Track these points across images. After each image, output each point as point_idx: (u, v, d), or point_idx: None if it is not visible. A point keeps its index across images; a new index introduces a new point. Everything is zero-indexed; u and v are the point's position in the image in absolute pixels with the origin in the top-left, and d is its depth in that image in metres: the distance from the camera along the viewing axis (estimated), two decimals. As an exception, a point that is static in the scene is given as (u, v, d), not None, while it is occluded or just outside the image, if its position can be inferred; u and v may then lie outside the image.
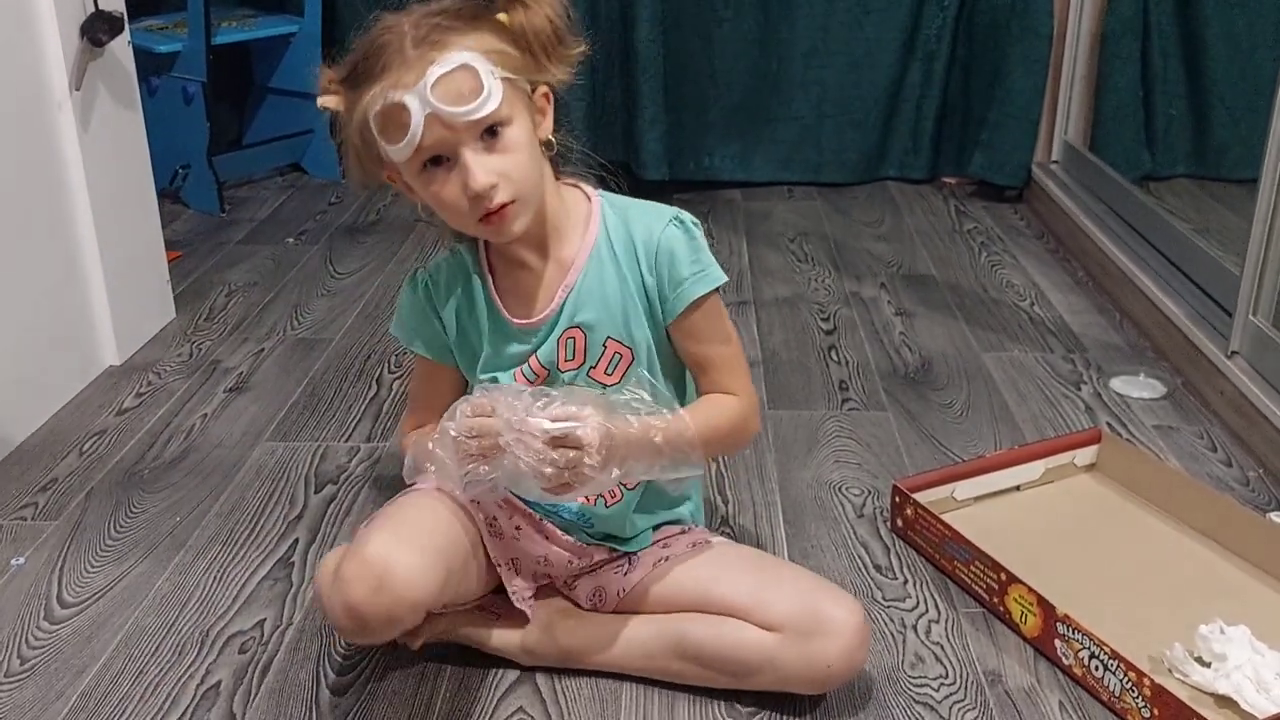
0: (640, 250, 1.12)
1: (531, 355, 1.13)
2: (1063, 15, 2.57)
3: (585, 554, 1.18)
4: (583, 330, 1.13)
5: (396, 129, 0.98)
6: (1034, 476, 1.51)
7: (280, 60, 2.74)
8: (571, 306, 1.12)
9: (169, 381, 1.81)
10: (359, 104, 1.01)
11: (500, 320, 1.14)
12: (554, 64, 1.06)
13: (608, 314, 1.12)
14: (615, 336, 1.13)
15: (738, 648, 1.09)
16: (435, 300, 1.17)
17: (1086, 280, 2.23)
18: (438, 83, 0.97)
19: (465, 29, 1.00)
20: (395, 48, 0.98)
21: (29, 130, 1.65)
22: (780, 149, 2.78)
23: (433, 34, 0.99)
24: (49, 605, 1.28)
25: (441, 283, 1.16)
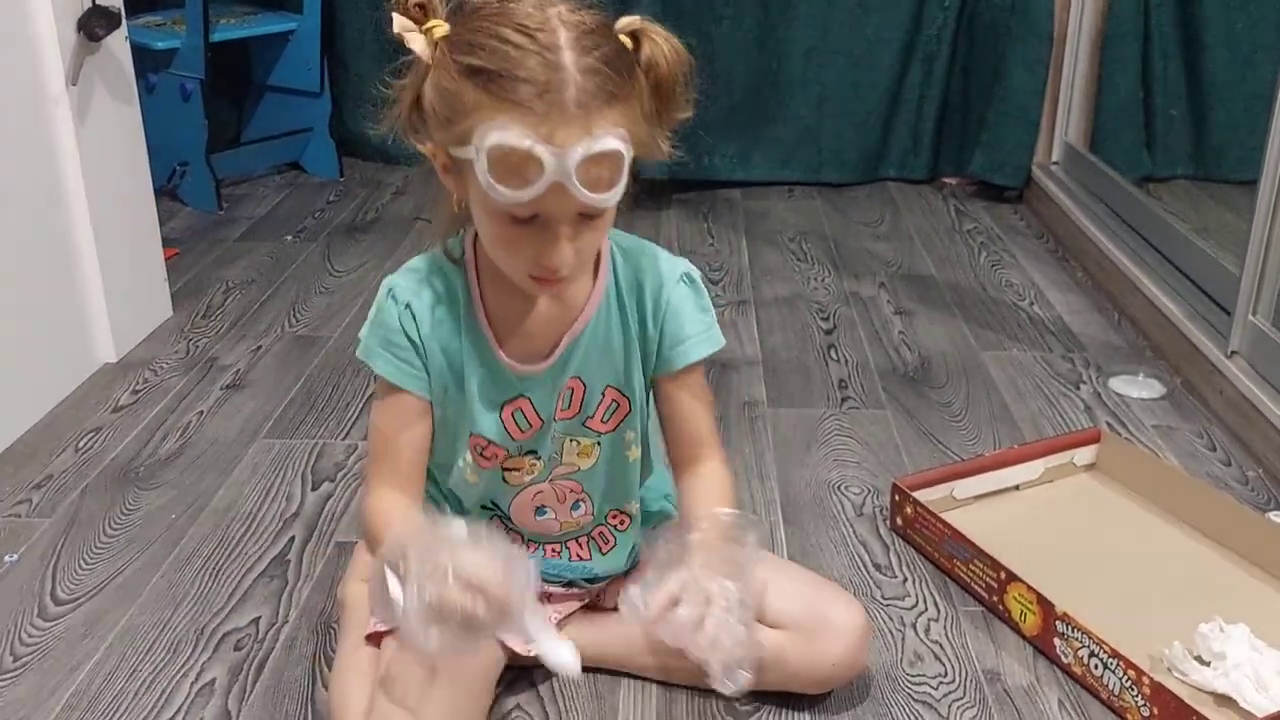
0: (649, 302, 1.05)
1: (523, 399, 1.04)
2: (1063, 16, 2.57)
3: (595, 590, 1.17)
4: (583, 382, 1.06)
5: (515, 177, 0.86)
6: (1033, 476, 1.50)
7: (279, 58, 2.73)
8: (575, 356, 1.04)
9: (165, 378, 1.80)
10: (476, 107, 0.86)
11: (493, 361, 1.03)
12: (661, 133, 0.95)
13: (609, 364, 1.06)
14: (614, 385, 1.07)
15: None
16: (419, 321, 1.01)
17: (1086, 280, 2.23)
18: (586, 161, 0.85)
19: (622, 95, 0.88)
20: (554, 86, 0.85)
21: (25, 125, 1.64)
22: (780, 148, 2.77)
23: (598, 94, 0.86)
24: (43, 602, 1.27)
25: (425, 303, 1.02)
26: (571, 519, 1.12)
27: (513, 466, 1.08)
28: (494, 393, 1.04)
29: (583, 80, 0.86)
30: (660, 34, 0.93)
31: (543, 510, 1.11)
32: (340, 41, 2.80)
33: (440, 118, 0.90)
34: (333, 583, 1.29)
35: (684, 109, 0.96)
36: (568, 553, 1.14)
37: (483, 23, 0.89)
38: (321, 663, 1.17)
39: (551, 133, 0.85)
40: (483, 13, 0.90)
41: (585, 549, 1.14)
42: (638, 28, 0.92)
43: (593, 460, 1.09)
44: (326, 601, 1.27)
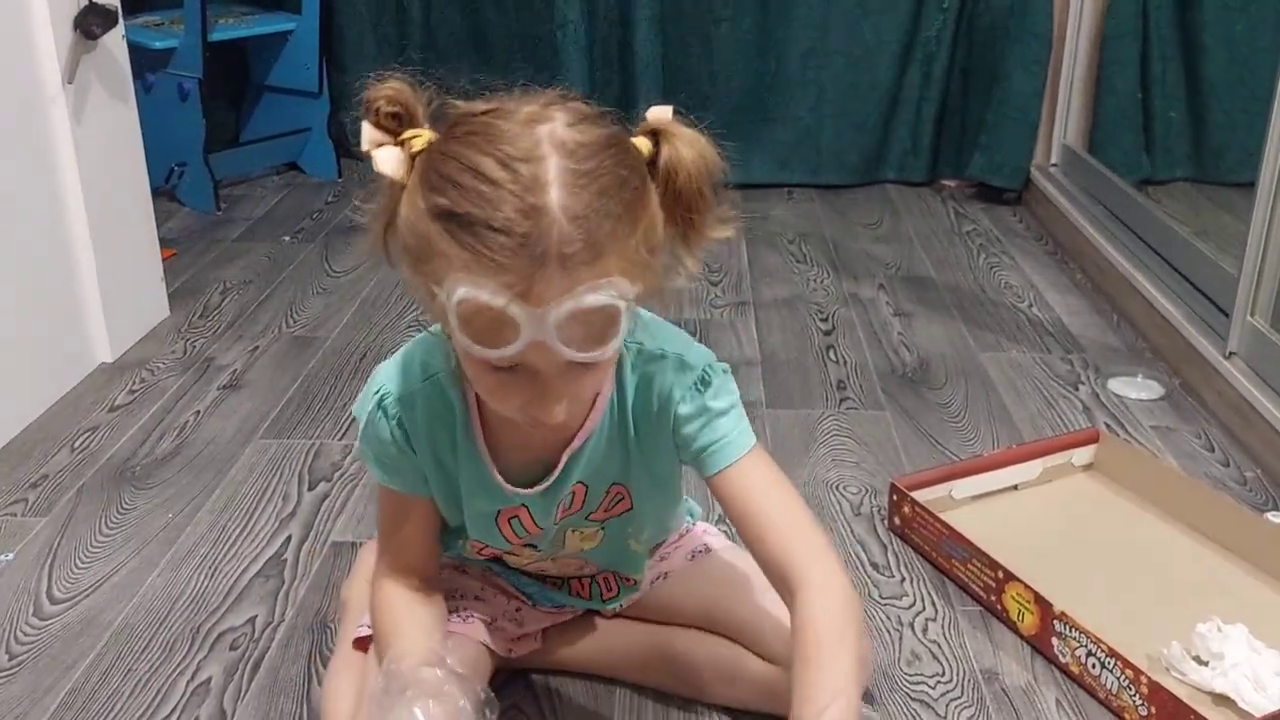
0: (654, 420, 0.95)
1: (521, 509, 0.98)
2: (1062, 18, 2.57)
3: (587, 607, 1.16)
4: (585, 484, 0.98)
5: (487, 335, 0.75)
6: (1032, 476, 1.50)
7: (277, 58, 2.73)
8: (575, 469, 0.96)
9: (162, 378, 1.80)
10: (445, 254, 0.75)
11: (488, 479, 0.96)
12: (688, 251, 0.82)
13: (614, 466, 0.98)
14: (619, 482, 1.00)
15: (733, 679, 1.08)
16: (411, 436, 0.93)
17: (1084, 282, 2.22)
18: (569, 319, 0.74)
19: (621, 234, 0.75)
20: (532, 239, 0.72)
21: (21, 124, 1.64)
22: (779, 150, 2.77)
23: (587, 244, 0.73)
24: (38, 601, 1.26)
25: (418, 417, 0.93)
26: (572, 570, 1.11)
27: (513, 553, 1.06)
28: (490, 506, 0.98)
29: (569, 229, 0.72)
30: (686, 137, 0.81)
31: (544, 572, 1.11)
32: (339, 42, 2.80)
33: (411, 255, 0.78)
34: (329, 582, 1.29)
35: (717, 227, 0.83)
36: (568, 587, 1.13)
37: (462, 147, 0.76)
38: (317, 662, 1.17)
39: (528, 290, 0.73)
40: (465, 129, 0.77)
41: (586, 589, 1.13)
42: (662, 127, 0.81)
43: (596, 543, 1.05)
44: (323, 601, 1.26)
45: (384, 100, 0.79)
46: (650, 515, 1.04)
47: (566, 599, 1.13)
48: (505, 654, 1.07)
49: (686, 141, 0.81)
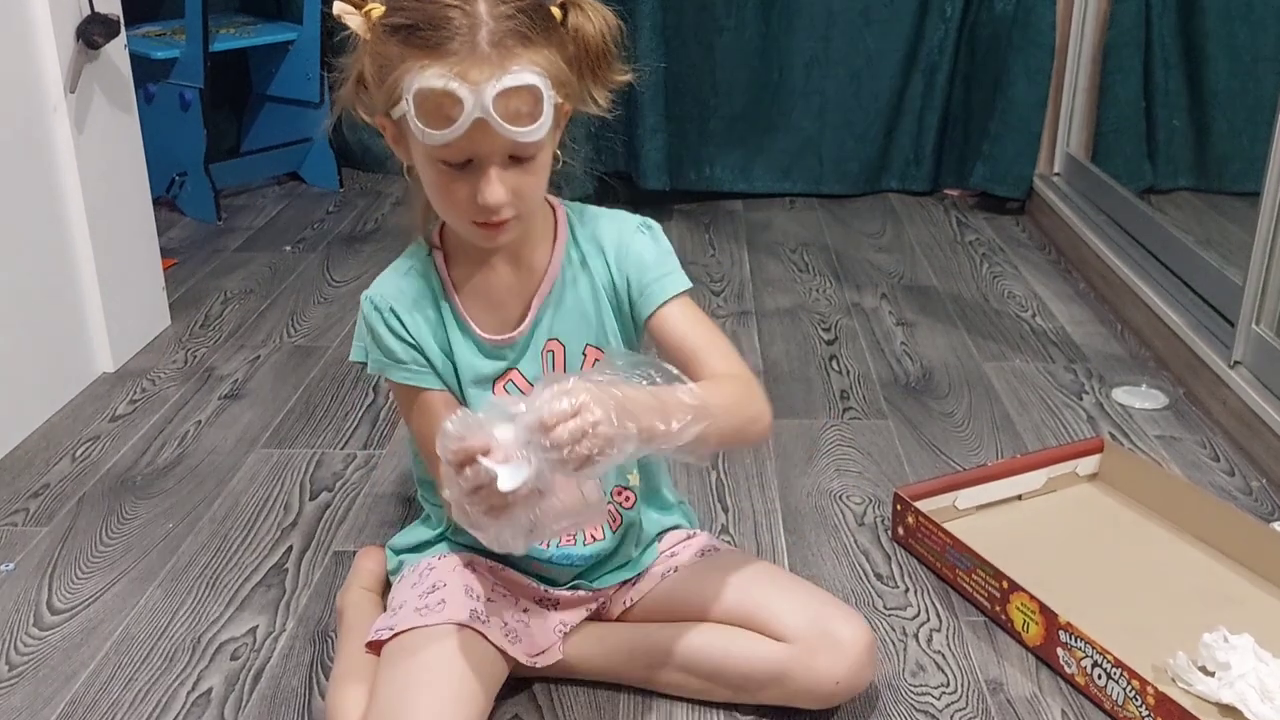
0: (610, 254, 1.09)
1: (512, 371, 1.08)
2: (1064, 28, 2.56)
3: (600, 594, 1.16)
4: (561, 342, 1.09)
5: (438, 117, 0.91)
6: (1036, 486, 1.49)
7: (279, 68, 2.74)
8: (547, 317, 1.08)
9: (163, 388, 1.79)
10: (401, 60, 0.92)
11: (473, 338, 1.07)
12: (597, 89, 1.00)
13: (584, 321, 1.09)
14: (592, 343, 1.10)
15: (746, 660, 1.07)
16: (406, 322, 1.06)
17: (1088, 291, 2.22)
18: (501, 94, 0.90)
19: (539, 41, 0.94)
20: (467, 31, 0.90)
21: (23, 133, 1.64)
22: (781, 159, 2.77)
23: (509, 37, 0.92)
24: (39, 611, 1.26)
25: (405, 305, 1.06)
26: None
27: None
28: (484, 369, 1.07)
29: (495, 25, 0.91)
30: (590, 4, 0.99)
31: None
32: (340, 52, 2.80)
33: (376, 81, 0.96)
34: (330, 592, 1.28)
35: (618, 71, 1.02)
36: (582, 535, 1.13)
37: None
38: (319, 672, 1.16)
39: (466, 71, 0.90)
40: None
41: (598, 528, 1.13)
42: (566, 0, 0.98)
43: None
44: (324, 611, 1.26)
45: None
46: None
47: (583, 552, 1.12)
48: (529, 663, 1.06)
49: (592, 8, 0.98)
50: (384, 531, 1.39)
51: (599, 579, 1.15)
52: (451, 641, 1.01)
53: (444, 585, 1.07)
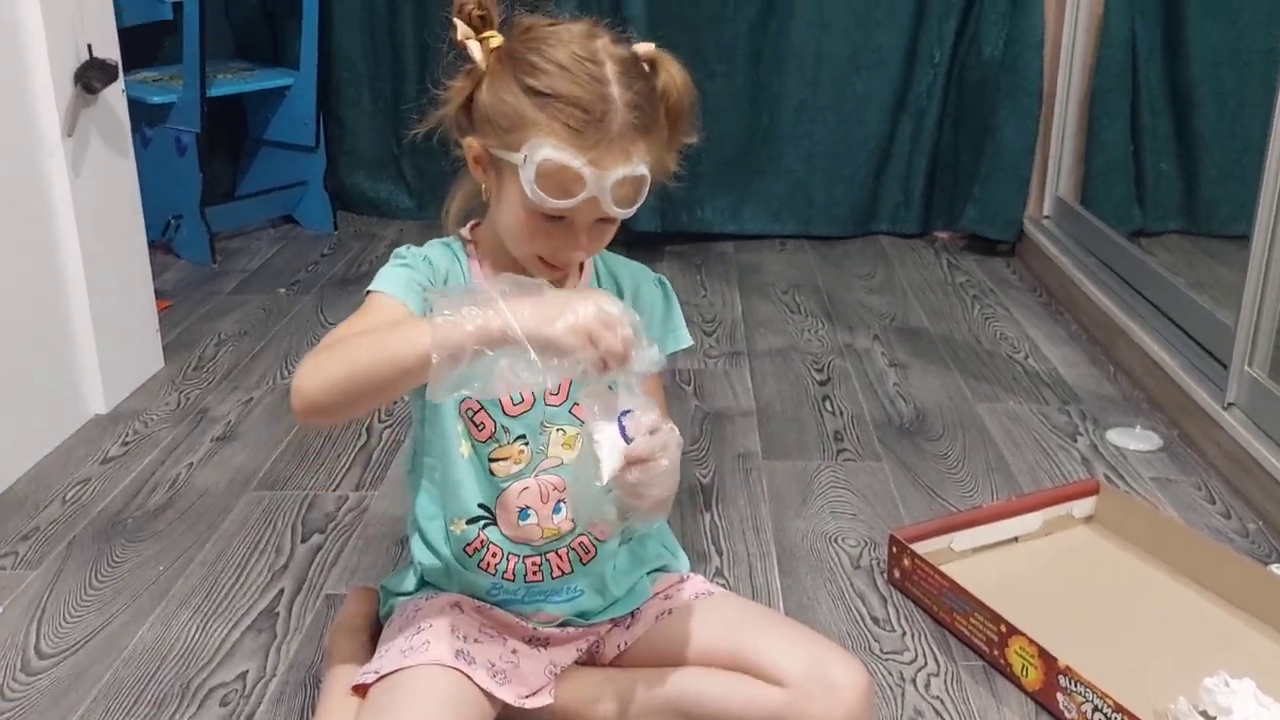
0: (627, 294, 1.14)
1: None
2: (1052, 73, 2.60)
3: (591, 632, 1.15)
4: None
5: (558, 189, 0.97)
6: (1032, 528, 1.49)
7: (275, 112, 2.75)
8: None
9: (155, 430, 1.78)
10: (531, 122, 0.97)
11: None
12: (670, 152, 1.05)
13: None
14: None
15: (743, 706, 1.06)
16: (434, 276, 1.08)
17: (1080, 333, 2.23)
18: (621, 183, 0.98)
19: (654, 125, 0.99)
20: (602, 118, 0.96)
21: (20, 176, 1.64)
22: (771, 202, 2.79)
23: (634, 128, 0.97)
24: (26, 656, 1.24)
25: (439, 265, 1.09)
26: (553, 524, 1.10)
27: (500, 456, 1.09)
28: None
29: (626, 114, 0.97)
30: (673, 64, 1.04)
31: (525, 513, 1.09)
32: (335, 97, 2.83)
33: (493, 123, 1.00)
34: (321, 635, 1.27)
35: (691, 134, 1.07)
36: (549, 566, 1.11)
37: (539, 44, 0.99)
38: (308, 718, 1.15)
39: (598, 157, 0.97)
40: (535, 33, 1.01)
41: (566, 560, 1.12)
42: (654, 57, 1.03)
43: (575, 451, 1.09)
44: (315, 655, 1.24)
45: (473, 4, 1.01)
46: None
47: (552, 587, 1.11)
48: (519, 704, 1.05)
49: (676, 68, 1.03)
50: (376, 574, 1.38)
51: (591, 615, 1.14)
52: (436, 683, 1.00)
53: (429, 626, 1.06)
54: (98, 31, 1.74)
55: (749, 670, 1.07)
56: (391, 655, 1.04)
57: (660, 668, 1.12)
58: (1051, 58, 2.59)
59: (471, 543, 1.12)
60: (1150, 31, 2.57)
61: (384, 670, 1.02)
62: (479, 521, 1.12)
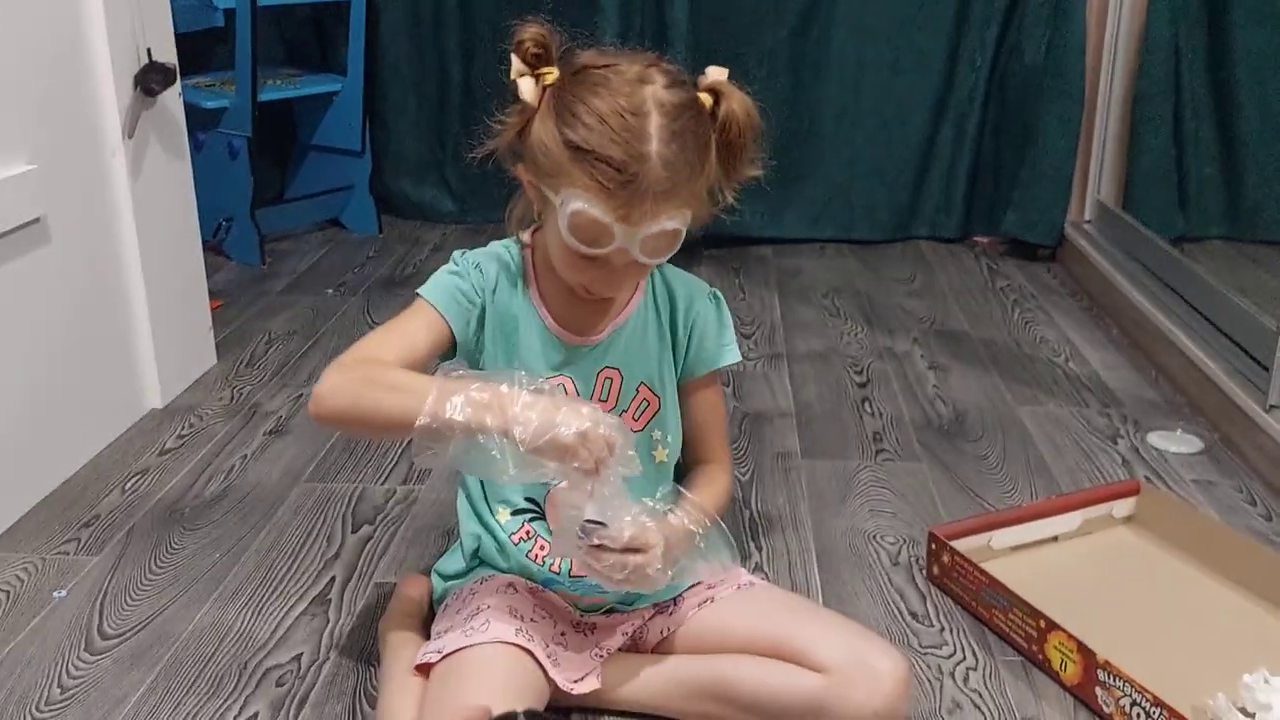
0: (681, 307, 1.18)
1: (564, 379, 1.14)
2: (1094, 78, 2.60)
3: (636, 617, 1.18)
4: (620, 373, 1.15)
5: (588, 238, 1.01)
6: (1072, 528, 1.50)
7: (322, 118, 2.81)
8: (617, 344, 1.15)
9: (210, 424, 1.83)
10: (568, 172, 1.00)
11: (544, 330, 1.14)
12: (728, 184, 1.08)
13: (646, 358, 1.17)
14: (647, 383, 1.17)
15: (783, 691, 1.08)
16: (483, 284, 1.13)
17: (1121, 338, 2.23)
18: (652, 236, 1.01)
19: (694, 178, 1.02)
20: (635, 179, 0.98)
21: (83, 175, 1.70)
22: (811, 206, 2.81)
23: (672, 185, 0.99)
24: (89, 636, 1.29)
25: (490, 272, 1.14)
26: None
27: None
28: (541, 363, 1.14)
29: (662, 173, 0.99)
30: (738, 95, 1.05)
31: None
32: (382, 103, 2.88)
33: (537, 162, 1.04)
34: (372, 622, 1.31)
35: (752, 167, 1.09)
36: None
37: (586, 91, 1.01)
38: (362, 700, 1.18)
39: (627, 214, 0.99)
40: (586, 76, 1.02)
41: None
42: (720, 87, 1.05)
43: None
44: (366, 640, 1.28)
45: (530, 41, 1.03)
46: (672, 421, 1.19)
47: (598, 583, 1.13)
48: (568, 689, 1.08)
49: (739, 101, 1.05)
50: (424, 564, 1.41)
51: (635, 601, 1.17)
52: (500, 659, 1.03)
53: (488, 608, 1.09)
54: (157, 37, 1.80)
55: (790, 657, 1.09)
56: (453, 635, 1.07)
57: (701, 654, 1.15)
58: (1093, 62, 2.59)
59: (517, 533, 1.15)
60: (1193, 36, 2.56)
61: (447, 649, 1.05)
62: (525, 514, 1.15)
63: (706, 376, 1.21)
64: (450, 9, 2.81)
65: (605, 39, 2.66)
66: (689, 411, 1.22)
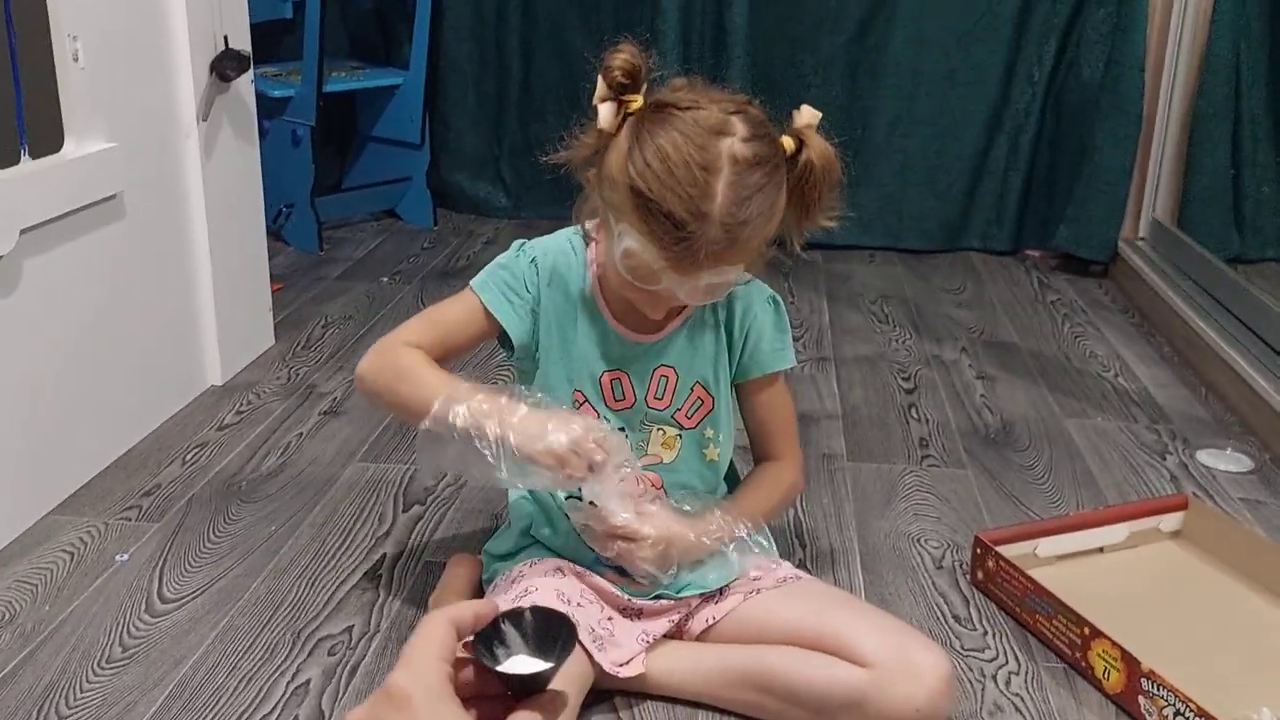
0: (739, 309, 1.20)
1: (621, 373, 1.17)
2: (1153, 96, 2.59)
3: (682, 605, 1.20)
4: (676, 371, 1.18)
5: (639, 276, 1.04)
6: (1118, 539, 1.49)
7: (383, 110, 2.86)
8: (674, 343, 1.18)
9: (267, 402, 1.88)
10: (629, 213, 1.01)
11: (604, 326, 1.16)
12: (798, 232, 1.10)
13: (700, 359, 1.19)
14: (702, 382, 1.19)
15: (825, 683, 1.09)
16: (540, 275, 1.16)
17: (1172, 355, 2.22)
18: (701, 286, 1.03)
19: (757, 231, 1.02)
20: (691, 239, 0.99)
21: (159, 155, 1.75)
22: (862, 214, 2.81)
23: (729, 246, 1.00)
24: (150, 599, 1.33)
25: (550, 264, 1.16)
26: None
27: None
28: (598, 357, 1.16)
29: (720, 234, 0.99)
30: (819, 145, 1.06)
31: None
32: (442, 98, 2.93)
33: (605, 194, 1.06)
34: (422, 599, 1.33)
35: (826, 218, 1.10)
36: None
37: (661, 132, 1.00)
38: (411, 672, 1.20)
39: (678, 265, 1.01)
40: (664, 116, 1.01)
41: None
42: (805, 134, 1.06)
43: (674, 453, 1.18)
44: (416, 616, 1.31)
45: (619, 69, 1.03)
46: (725, 421, 1.21)
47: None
48: (613, 672, 1.10)
49: (819, 151, 1.07)
50: (473, 546, 1.44)
51: (682, 588, 1.19)
52: None
53: (535, 590, 1.11)
54: (233, 25, 1.85)
55: (833, 650, 1.10)
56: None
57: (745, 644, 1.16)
58: (1153, 80, 2.58)
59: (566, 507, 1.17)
60: (1254, 57, 2.54)
61: None
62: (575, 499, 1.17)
63: (765, 379, 1.24)
64: (513, 7, 2.85)
65: (666, 41, 2.68)
66: (751, 411, 1.26)
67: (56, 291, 1.50)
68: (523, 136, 2.93)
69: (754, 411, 1.26)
